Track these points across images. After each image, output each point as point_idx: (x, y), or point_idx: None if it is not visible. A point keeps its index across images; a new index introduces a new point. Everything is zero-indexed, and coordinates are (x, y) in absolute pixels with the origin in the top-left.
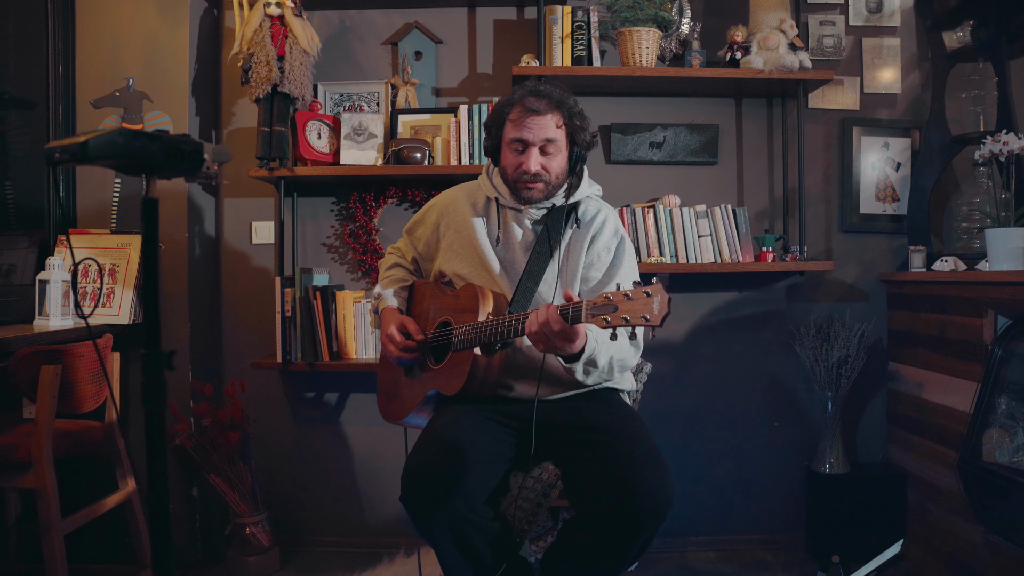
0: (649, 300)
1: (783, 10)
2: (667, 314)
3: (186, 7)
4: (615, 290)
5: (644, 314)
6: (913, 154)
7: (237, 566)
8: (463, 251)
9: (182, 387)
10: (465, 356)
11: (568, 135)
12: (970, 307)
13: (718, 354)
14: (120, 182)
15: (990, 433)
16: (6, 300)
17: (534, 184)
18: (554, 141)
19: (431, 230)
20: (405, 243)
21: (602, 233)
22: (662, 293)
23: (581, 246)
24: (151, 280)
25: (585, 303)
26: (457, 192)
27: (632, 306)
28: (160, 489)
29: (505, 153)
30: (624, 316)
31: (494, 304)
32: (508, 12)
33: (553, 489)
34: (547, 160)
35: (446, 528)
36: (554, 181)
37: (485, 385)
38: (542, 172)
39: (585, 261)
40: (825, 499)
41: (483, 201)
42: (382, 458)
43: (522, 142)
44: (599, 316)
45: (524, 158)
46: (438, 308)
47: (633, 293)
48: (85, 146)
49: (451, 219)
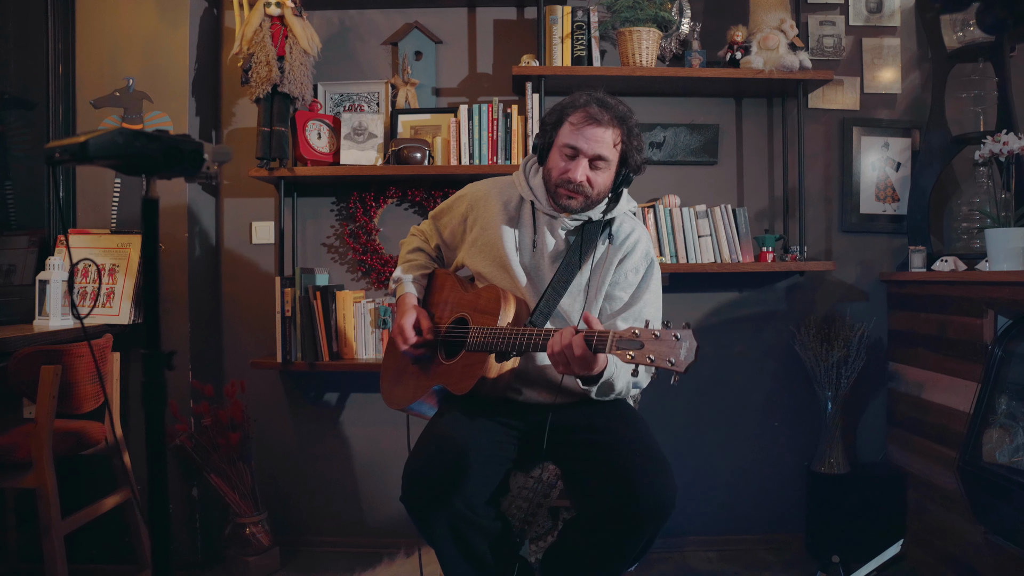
0: (676, 345)
1: (783, 10)
2: (693, 362)
3: (186, 7)
4: (644, 327)
5: (670, 358)
6: (913, 154)
7: (237, 566)
8: (487, 250)
9: (182, 387)
10: (479, 358)
11: (621, 155)
12: (970, 307)
13: (718, 354)
14: (120, 182)
15: (990, 433)
16: (6, 300)
17: (575, 195)
18: (606, 160)
19: (458, 220)
20: (430, 228)
21: (633, 254)
22: (691, 339)
23: (611, 263)
24: (151, 280)
25: (612, 335)
26: (490, 188)
27: (659, 347)
28: (160, 489)
29: (554, 155)
30: (649, 356)
31: (516, 311)
32: (508, 12)
33: (553, 489)
34: (594, 174)
35: (446, 528)
36: (595, 197)
37: (495, 390)
38: (586, 185)
39: (612, 279)
40: (825, 499)
41: (516, 201)
42: (382, 458)
43: (575, 149)
44: (624, 351)
45: (572, 165)
46: (457, 302)
47: (662, 334)
48: (85, 146)
49: (479, 214)
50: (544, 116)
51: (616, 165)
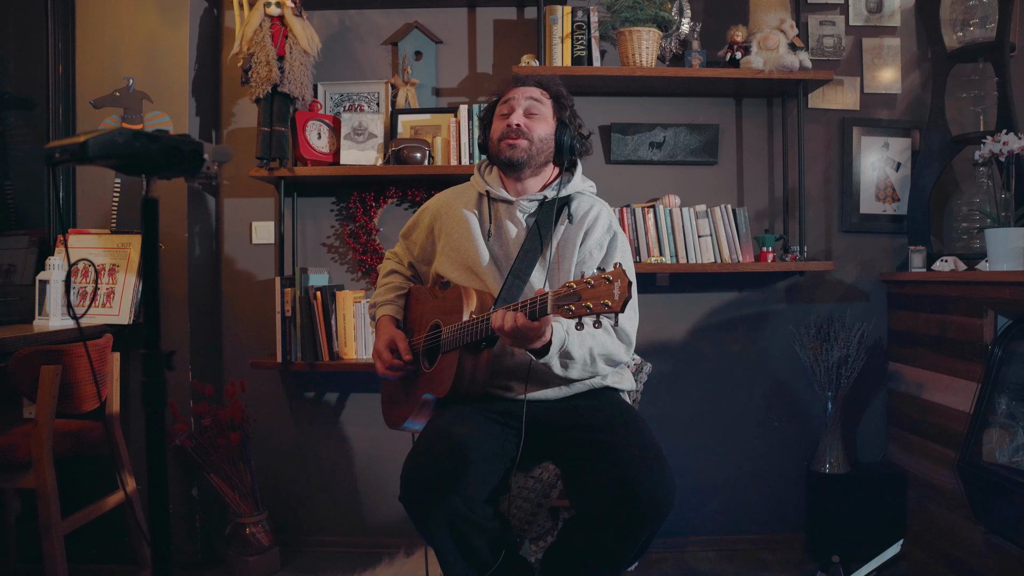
0: (610, 286)
1: (783, 10)
2: (628, 298)
3: (186, 7)
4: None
5: (605, 300)
6: (913, 154)
7: (237, 566)
8: (454, 255)
9: (182, 387)
10: (452, 358)
11: (554, 110)
12: (970, 307)
13: (718, 354)
14: (120, 182)
15: (990, 433)
16: (6, 300)
17: (516, 139)
18: (539, 102)
19: (425, 234)
20: (401, 248)
21: (595, 229)
22: (623, 278)
23: (574, 243)
24: (151, 280)
25: (551, 294)
26: (448, 194)
27: (595, 293)
28: (160, 489)
29: (494, 126)
30: (587, 304)
31: (478, 303)
32: (508, 12)
33: (553, 489)
34: (530, 121)
35: (445, 527)
36: (537, 144)
37: (474, 384)
38: (524, 129)
39: (577, 258)
40: (825, 499)
41: (475, 198)
42: (382, 458)
43: (507, 104)
44: (564, 307)
45: (510, 117)
46: (430, 312)
47: (595, 280)
48: (85, 146)
49: (444, 221)
50: (480, 116)
51: (552, 118)
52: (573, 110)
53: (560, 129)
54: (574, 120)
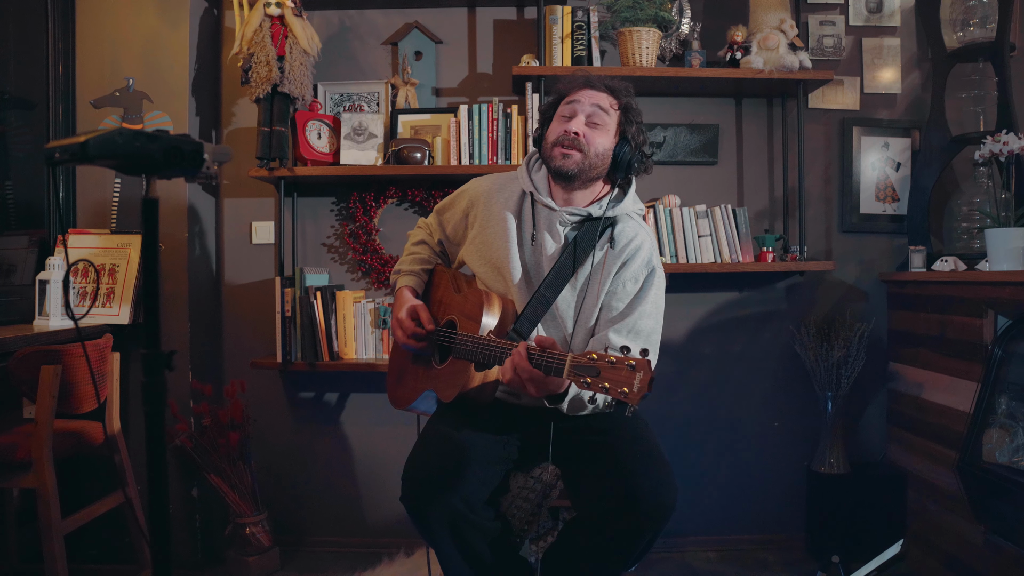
0: (631, 375)
1: (783, 10)
2: (647, 393)
3: (186, 7)
4: (603, 351)
5: (623, 388)
6: (913, 154)
7: (237, 566)
8: (483, 249)
9: (182, 387)
10: (463, 367)
11: (619, 123)
12: (970, 307)
13: (718, 354)
14: (120, 182)
15: (990, 433)
16: (6, 300)
17: (571, 149)
18: (604, 112)
19: (460, 216)
20: (434, 221)
21: (633, 261)
22: (646, 370)
23: (610, 270)
24: (151, 280)
25: (569, 359)
26: (491, 184)
27: (614, 375)
28: (160, 489)
29: (553, 126)
30: (604, 384)
31: (501, 313)
32: (508, 12)
33: (553, 489)
34: (590, 131)
35: (445, 528)
36: (592, 158)
37: (480, 398)
38: (581, 140)
39: (610, 288)
40: (825, 499)
41: (517, 195)
42: (382, 458)
43: (571, 106)
44: (580, 377)
45: (570, 122)
46: (449, 303)
47: (618, 361)
48: (85, 146)
49: (480, 211)
50: (541, 107)
51: (615, 132)
52: (640, 125)
53: (621, 143)
54: (639, 136)
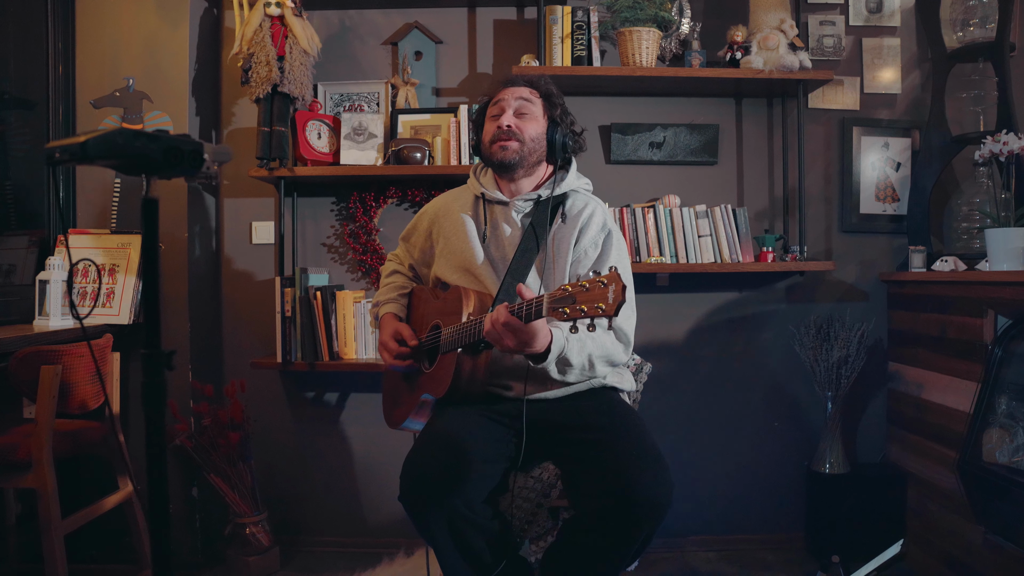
0: (604, 290)
1: (783, 10)
2: (622, 302)
3: (186, 7)
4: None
5: (599, 304)
6: (913, 154)
7: (237, 566)
8: (452, 258)
9: (182, 387)
10: (450, 358)
11: (545, 109)
12: (970, 307)
13: (718, 354)
14: (120, 182)
15: (990, 433)
16: (6, 300)
17: (507, 141)
18: (528, 102)
19: (424, 237)
20: (402, 250)
21: (589, 227)
22: (617, 281)
23: (568, 242)
24: (151, 280)
25: (546, 297)
26: (446, 197)
27: (589, 296)
28: (160, 489)
29: (486, 128)
30: (581, 307)
31: (477, 303)
32: (508, 12)
33: (553, 489)
34: (520, 121)
35: (445, 527)
36: (528, 144)
37: (472, 384)
38: (515, 130)
39: (572, 257)
40: (825, 499)
41: (471, 201)
42: (382, 458)
43: (498, 106)
44: (559, 309)
45: (500, 119)
46: (431, 312)
47: (590, 283)
48: (85, 146)
49: (441, 224)
50: (472, 120)
51: (543, 117)
52: (564, 107)
53: (552, 127)
54: (565, 118)
